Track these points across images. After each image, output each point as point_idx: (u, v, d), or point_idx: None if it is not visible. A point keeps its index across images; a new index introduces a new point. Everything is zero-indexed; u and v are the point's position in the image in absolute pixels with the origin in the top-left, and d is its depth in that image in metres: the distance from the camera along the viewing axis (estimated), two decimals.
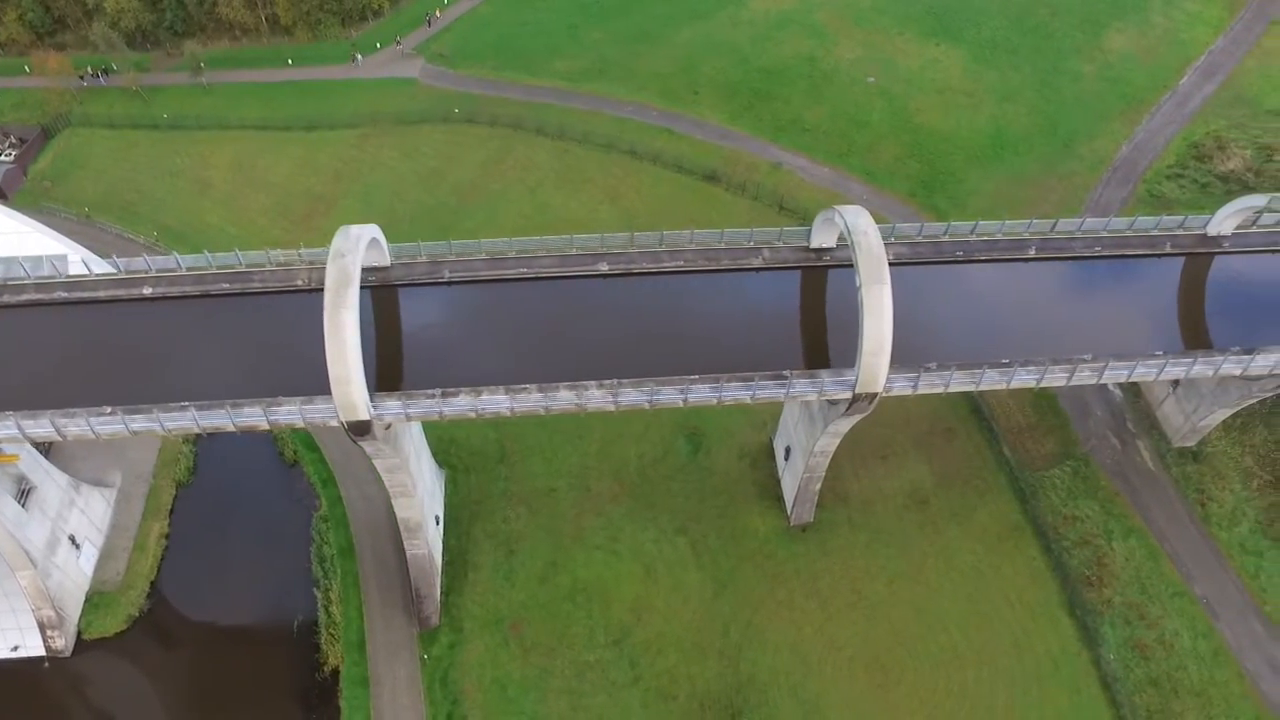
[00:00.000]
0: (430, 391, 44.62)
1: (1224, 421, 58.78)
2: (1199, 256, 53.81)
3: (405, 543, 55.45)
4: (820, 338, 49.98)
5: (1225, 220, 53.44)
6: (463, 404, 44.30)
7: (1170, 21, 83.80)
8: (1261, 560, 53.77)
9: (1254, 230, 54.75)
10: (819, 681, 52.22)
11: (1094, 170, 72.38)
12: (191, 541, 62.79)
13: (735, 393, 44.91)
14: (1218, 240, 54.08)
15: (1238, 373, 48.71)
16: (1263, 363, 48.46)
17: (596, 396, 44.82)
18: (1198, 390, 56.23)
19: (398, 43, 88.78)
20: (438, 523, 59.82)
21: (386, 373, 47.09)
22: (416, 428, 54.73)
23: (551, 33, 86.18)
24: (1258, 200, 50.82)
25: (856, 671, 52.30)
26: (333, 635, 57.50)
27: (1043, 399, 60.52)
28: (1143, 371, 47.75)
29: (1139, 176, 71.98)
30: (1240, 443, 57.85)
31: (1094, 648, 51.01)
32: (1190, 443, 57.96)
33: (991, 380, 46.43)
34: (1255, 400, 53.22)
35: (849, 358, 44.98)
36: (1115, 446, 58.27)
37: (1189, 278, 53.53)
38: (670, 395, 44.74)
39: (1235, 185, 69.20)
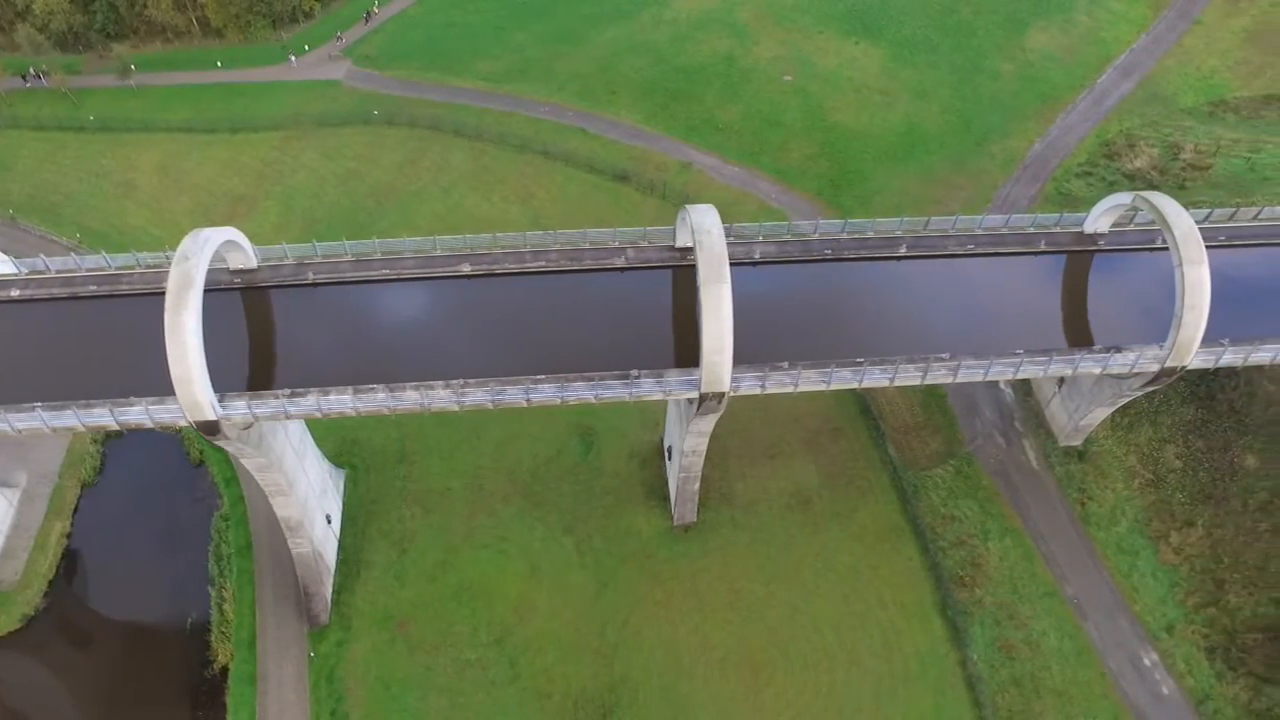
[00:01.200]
0: (278, 391, 45.06)
1: (1111, 420, 58.59)
2: (1074, 254, 53.61)
3: (289, 541, 55.97)
4: (683, 337, 49.92)
5: (1099, 218, 53.20)
6: (309, 404, 44.67)
7: (1094, 20, 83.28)
8: (1136, 560, 53.52)
9: (1130, 228, 54.55)
10: (690, 682, 52.35)
11: (1005, 168, 72.09)
12: (93, 541, 63.39)
13: (580, 393, 45.14)
14: (1094, 238, 53.88)
15: (1097, 371, 48.47)
16: (1121, 361, 48.23)
17: (442, 396, 45.12)
18: (1079, 389, 55.96)
19: (338, 38, 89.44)
20: (330, 521, 60.26)
21: (244, 373, 47.49)
22: (295, 427, 55.15)
23: (477, 34, 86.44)
24: (1124, 198, 50.55)
25: (728, 672, 52.38)
26: (224, 633, 57.97)
27: (931, 398, 60.39)
28: (999, 370, 47.51)
29: (1049, 174, 71.66)
30: (1126, 442, 57.56)
31: (962, 648, 50.94)
32: (1076, 442, 57.70)
33: (842, 379, 46.30)
34: (1129, 399, 52.91)
35: None
36: (1001, 446, 58.08)
37: (1063, 276, 53.24)
38: (515, 395, 44.96)
39: (1141, 183, 68.78)
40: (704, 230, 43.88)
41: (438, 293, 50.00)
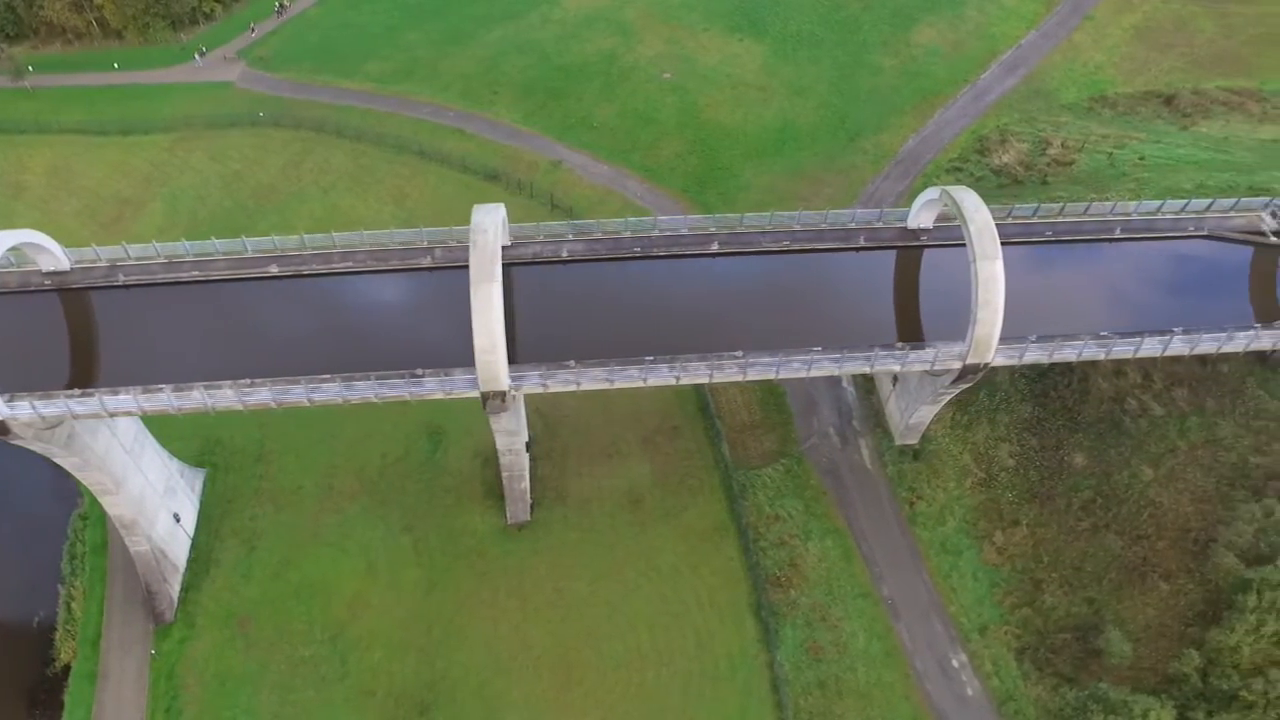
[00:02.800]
0: (68, 392, 45.57)
1: (951, 419, 58.14)
2: (894, 250, 53.23)
3: (126, 540, 56.51)
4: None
5: (920, 213, 52.79)
6: (93, 404, 45.12)
7: (984, 16, 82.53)
8: (959, 560, 53.09)
9: (954, 224, 54.02)
10: (505, 680, 52.48)
11: (876, 164, 71.59)
12: None
13: (362, 391, 45.33)
14: (916, 234, 53.45)
15: (896, 368, 48.14)
16: (920, 358, 47.82)
17: (228, 396, 45.46)
18: (908, 388, 55.54)
19: (251, 29, 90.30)
20: (178, 520, 60.70)
21: (45, 374, 47.87)
22: (127, 426, 55.47)
23: (370, 35, 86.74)
24: (934, 193, 50.10)
25: (542, 671, 52.45)
26: (69, 631, 58.55)
27: (770, 397, 60.10)
28: (792, 368, 47.20)
29: (920, 170, 71.08)
30: (963, 440, 57.09)
31: (772, 650, 50.70)
32: (912, 440, 57.24)
33: (628, 377, 46.15)
34: (948, 396, 52.44)
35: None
36: (836, 444, 57.73)
37: (881, 272, 52.94)
38: (298, 395, 45.26)
39: (1006, 178, 68.16)
40: (480, 230, 44.02)
41: (244, 294, 50.38)
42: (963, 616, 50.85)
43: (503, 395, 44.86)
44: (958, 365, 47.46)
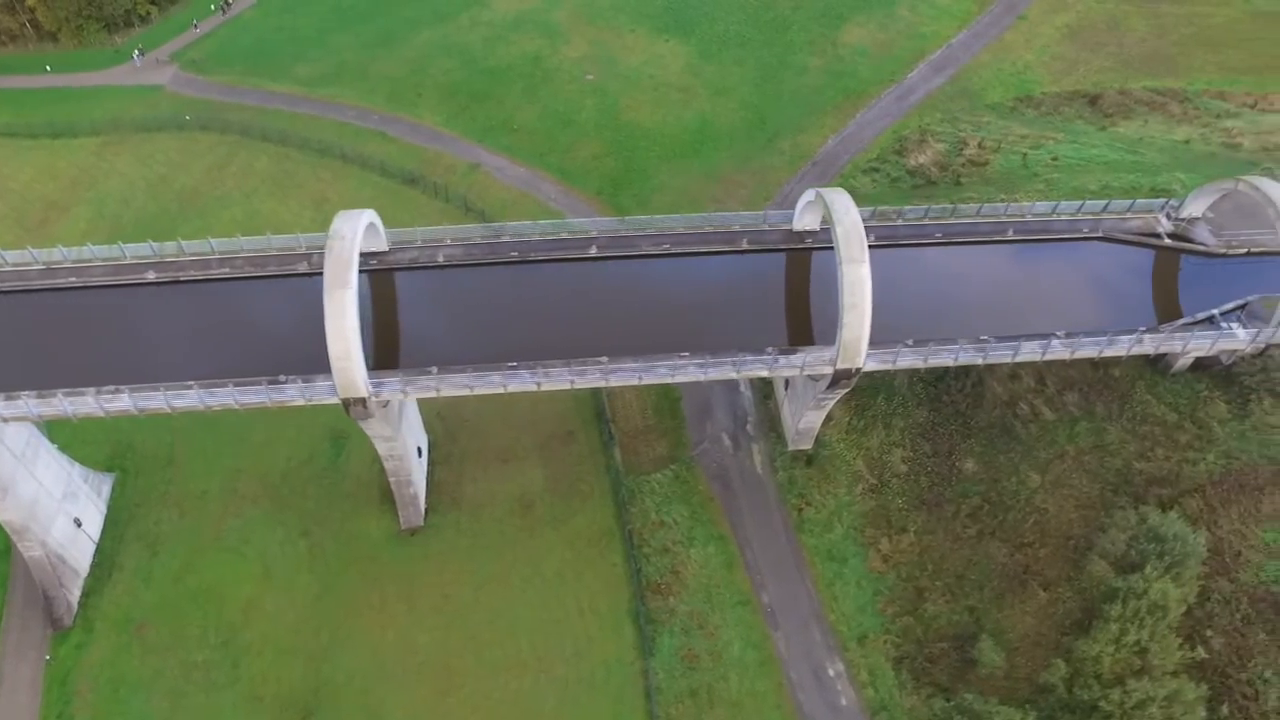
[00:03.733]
0: None
1: (848, 423, 57.58)
2: (777, 253, 52.75)
3: (18, 545, 56.57)
4: None
5: (804, 216, 52.34)
6: None
7: (915, 15, 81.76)
8: (844, 567, 52.55)
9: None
10: (386, 685, 52.25)
11: (792, 165, 71.00)
12: None
13: (222, 399, 45.32)
14: (801, 236, 52.95)
15: (765, 374, 47.62)
16: (789, 364, 47.32)
17: (89, 403, 45.45)
18: (796, 392, 55.01)
19: (195, 26, 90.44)
20: (80, 525, 60.71)
21: None
22: (16, 431, 55.37)
23: (302, 38, 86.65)
24: (811, 194, 49.58)
25: (424, 676, 52.17)
26: None
27: (665, 401, 59.66)
28: (659, 373, 46.76)
29: (838, 171, 70.43)
30: (858, 445, 56.53)
31: (646, 657, 50.29)
32: (805, 445, 56.68)
33: (492, 384, 45.88)
34: (830, 401, 51.88)
35: None
36: (728, 449, 57.25)
37: (763, 274, 52.43)
38: (158, 402, 45.27)
39: (920, 179, 67.44)
40: (336, 236, 43.88)
41: (120, 300, 50.41)
42: (842, 625, 50.32)
43: (364, 402, 44.70)
44: (828, 370, 47.02)
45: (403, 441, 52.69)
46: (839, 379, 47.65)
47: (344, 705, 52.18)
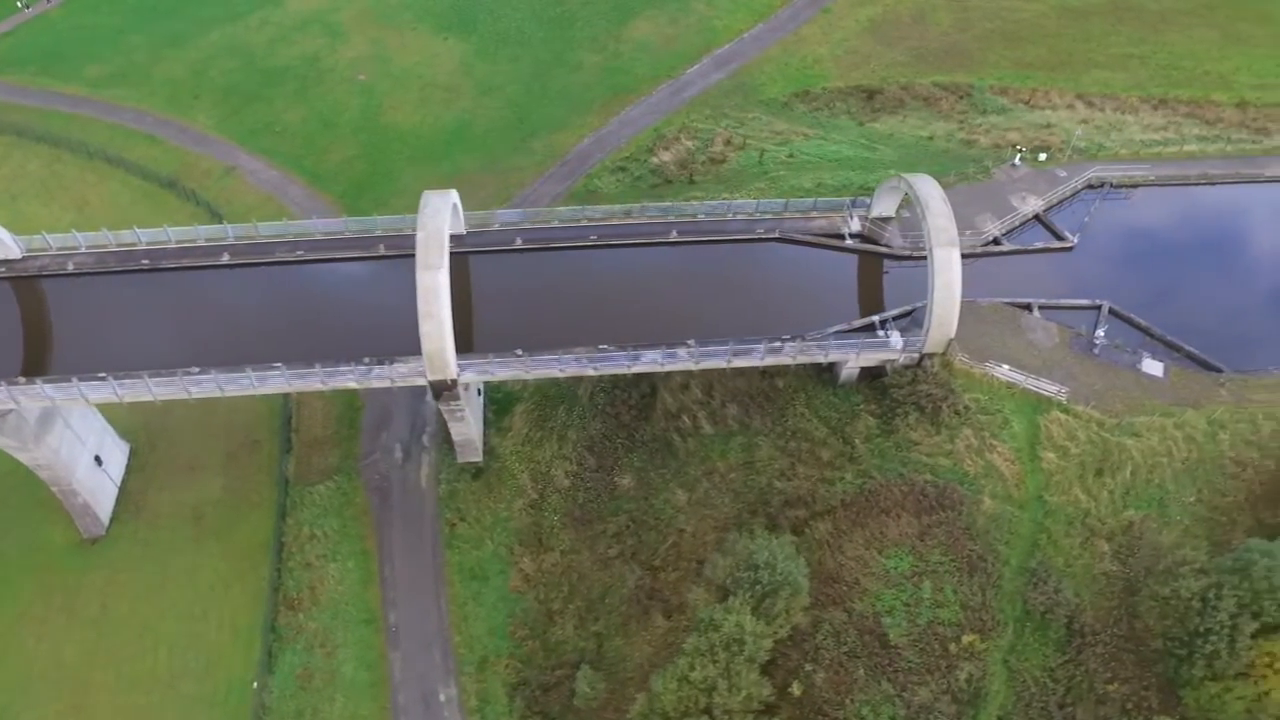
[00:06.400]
0: None
1: (525, 435, 55.30)
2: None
3: None
4: None
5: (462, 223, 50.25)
6: None
7: (710, 8, 78.61)
8: (484, 586, 50.41)
9: (491, 229, 51.45)
10: (23, 700, 50.86)
11: (542, 164, 68.66)
12: None
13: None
14: (460, 240, 50.87)
15: (354, 384, 45.68)
16: (384, 374, 45.37)
17: None
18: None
19: (25, 8, 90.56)
20: None
21: None
22: None
23: (99, 38, 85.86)
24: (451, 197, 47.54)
25: (62, 692, 50.66)
26: None
27: (349, 410, 57.89)
28: (276, 383, 45.30)
29: (586, 170, 67.85)
30: (528, 458, 54.24)
31: (264, 675, 48.62)
32: (474, 458, 54.50)
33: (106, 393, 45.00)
34: (461, 413, 49.37)
35: None
36: (397, 461, 55.29)
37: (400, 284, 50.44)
38: None
39: (659, 178, 64.64)
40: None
41: None
42: (465, 648, 48.17)
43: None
44: (423, 381, 45.04)
45: (47, 453, 51.69)
46: (438, 391, 45.62)
47: None
